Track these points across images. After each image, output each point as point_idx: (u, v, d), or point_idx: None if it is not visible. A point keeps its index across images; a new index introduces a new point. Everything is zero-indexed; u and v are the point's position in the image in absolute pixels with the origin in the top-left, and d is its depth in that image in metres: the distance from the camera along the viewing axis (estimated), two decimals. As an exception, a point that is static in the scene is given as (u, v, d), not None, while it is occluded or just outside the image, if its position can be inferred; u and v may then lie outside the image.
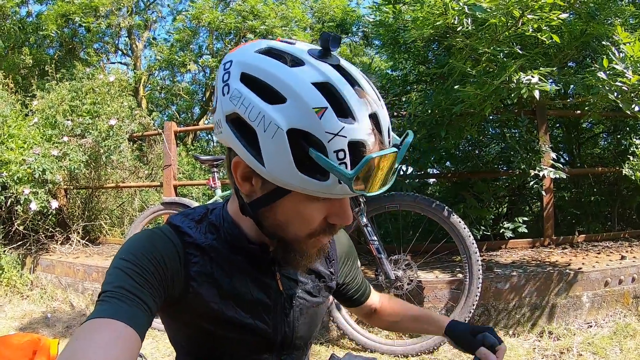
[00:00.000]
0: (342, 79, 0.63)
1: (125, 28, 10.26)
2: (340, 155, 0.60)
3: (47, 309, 3.63)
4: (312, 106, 0.60)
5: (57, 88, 4.68)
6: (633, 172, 3.29)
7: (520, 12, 2.41)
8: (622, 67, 2.33)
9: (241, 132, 0.65)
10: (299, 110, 0.60)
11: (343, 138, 0.60)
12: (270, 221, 0.74)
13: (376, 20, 3.59)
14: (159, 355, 2.72)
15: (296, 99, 0.61)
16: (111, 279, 0.70)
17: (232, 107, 0.65)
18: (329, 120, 0.60)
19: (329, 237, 0.77)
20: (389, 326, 1.21)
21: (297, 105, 0.60)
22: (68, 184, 4.73)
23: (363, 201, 2.54)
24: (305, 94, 0.60)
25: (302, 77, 0.62)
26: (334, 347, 2.71)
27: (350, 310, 1.21)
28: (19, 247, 4.41)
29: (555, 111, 3.89)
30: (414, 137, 3.04)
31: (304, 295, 0.90)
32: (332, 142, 0.60)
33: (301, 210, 0.70)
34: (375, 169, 0.62)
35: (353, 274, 1.09)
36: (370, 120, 0.63)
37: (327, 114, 0.60)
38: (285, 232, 0.74)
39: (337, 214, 0.72)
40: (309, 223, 0.72)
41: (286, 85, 0.61)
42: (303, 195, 0.66)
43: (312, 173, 0.62)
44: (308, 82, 0.61)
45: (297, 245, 0.75)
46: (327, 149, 0.60)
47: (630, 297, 2.82)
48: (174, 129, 4.31)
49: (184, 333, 0.86)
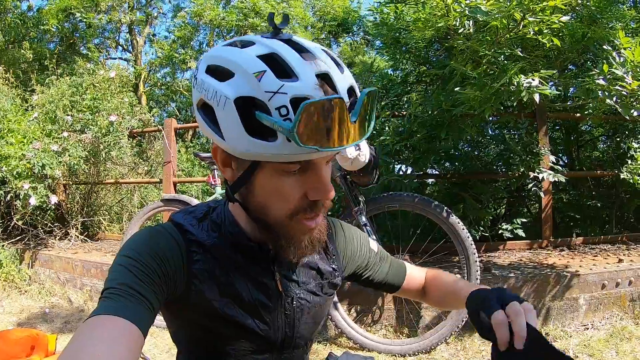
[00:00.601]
0: (287, 48, 0.66)
1: (126, 24, 10.24)
2: (283, 112, 0.61)
3: (45, 304, 3.64)
4: (252, 72, 0.63)
5: (57, 83, 4.67)
6: (631, 176, 3.30)
7: (522, 15, 2.42)
8: (622, 72, 2.34)
9: (206, 115, 0.70)
10: (243, 79, 0.64)
11: (284, 95, 0.61)
12: (252, 204, 0.75)
13: (377, 21, 3.59)
14: (157, 352, 2.72)
15: (241, 71, 0.64)
16: (114, 275, 0.71)
17: (199, 94, 0.70)
18: (268, 80, 0.62)
19: (314, 218, 0.75)
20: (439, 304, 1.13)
21: (242, 76, 0.64)
22: (67, 179, 4.72)
23: (362, 201, 2.55)
24: (248, 64, 0.64)
25: (248, 53, 0.66)
26: (332, 345, 2.72)
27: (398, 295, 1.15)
28: (18, 241, 4.41)
29: (555, 114, 3.91)
30: (413, 138, 3.03)
31: (305, 296, 0.89)
32: (273, 100, 0.61)
33: (275, 185, 0.71)
34: (319, 119, 0.61)
35: (367, 261, 1.06)
36: (317, 78, 0.64)
37: (266, 75, 0.62)
38: (268, 214, 0.74)
39: (314, 188, 0.72)
40: (287, 200, 0.72)
41: (233, 62, 0.66)
42: (273, 169, 0.69)
43: (263, 136, 0.64)
44: (253, 55, 0.65)
45: (281, 229, 0.75)
46: (269, 107, 0.62)
47: (627, 300, 2.83)
48: (174, 126, 4.30)
49: (185, 331, 0.86)
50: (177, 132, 4.42)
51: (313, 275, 0.92)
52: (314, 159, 0.69)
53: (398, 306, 2.79)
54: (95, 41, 10.16)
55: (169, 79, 11.14)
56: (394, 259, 1.12)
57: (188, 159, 7.44)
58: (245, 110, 0.64)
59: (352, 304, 2.84)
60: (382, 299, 2.81)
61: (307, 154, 0.65)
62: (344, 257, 1.01)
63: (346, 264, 1.02)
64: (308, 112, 0.60)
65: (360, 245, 1.05)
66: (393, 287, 1.10)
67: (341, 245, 1.01)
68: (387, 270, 1.08)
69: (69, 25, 9.26)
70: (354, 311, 2.84)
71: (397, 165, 3.72)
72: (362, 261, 1.05)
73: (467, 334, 2.69)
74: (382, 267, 1.08)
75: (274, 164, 0.68)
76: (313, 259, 0.92)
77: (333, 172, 2.53)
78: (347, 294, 2.84)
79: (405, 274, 1.10)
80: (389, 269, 1.08)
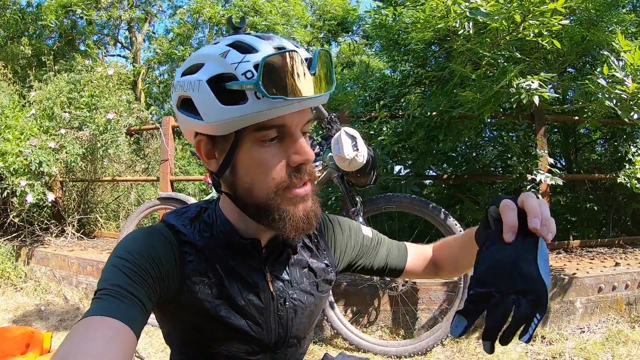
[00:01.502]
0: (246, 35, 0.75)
1: (126, 21, 10.22)
2: (248, 75, 0.68)
3: (40, 301, 3.62)
4: (217, 54, 0.71)
5: (55, 80, 4.65)
6: (629, 180, 3.30)
7: (522, 17, 2.41)
8: (622, 75, 2.34)
9: (185, 107, 0.75)
10: (213, 63, 0.71)
11: (247, 62, 0.68)
12: (240, 188, 0.77)
13: (375, 23, 3.59)
14: (152, 350, 2.72)
15: (209, 58, 0.72)
16: (107, 276, 0.71)
17: (177, 94, 0.76)
18: (232, 55, 0.70)
19: (302, 186, 0.77)
20: (457, 271, 1.08)
21: (210, 61, 0.72)
22: (64, 176, 4.71)
23: (360, 201, 2.54)
24: (214, 51, 0.72)
25: (214, 46, 0.74)
26: (328, 346, 2.72)
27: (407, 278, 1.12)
28: (14, 238, 4.40)
29: (553, 116, 3.91)
30: (411, 139, 3.03)
31: (299, 296, 0.89)
32: (238, 69, 0.68)
33: (257, 158, 0.74)
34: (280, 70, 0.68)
35: (362, 249, 1.04)
36: (275, 49, 0.71)
37: (230, 52, 0.70)
38: (255, 194, 0.76)
39: (294, 152, 0.75)
40: (271, 171, 0.74)
41: (202, 55, 0.74)
42: (251, 141, 0.73)
43: (234, 101, 0.69)
44: (220, 45, 0.74)
45: (272, 204, 0.75)
46: (236, 75, 0.68)
47: (623, 303, 2.83)
48: (172, 124, 4.29)
49: (178, 331, 0.86)
50: (175, 130, 4.41)
51: (306, 274, 0.91)
52: (287, 124, 0.73)
53: (394, 307, 2.79)
54: (94, 38, 10.13)
55: (167, 76, 11.12)
56: (394, 241, 1.09)
57: (183, 157, 7.43)
58: (216, 87, 0.70)
59: (348, 304, 2.84)
60: (378, 300, 2.81)
61: (276, 108, 0.69)
62: (336, 251, 1.00)
63: (339, 257, 1.01)
64: (268, 65, 0.67)
65: (352, 234, 1.03)
66: (396, 271, 1.06)
67: (331, 239, 1.00)
68: (386, 254, 1.05)
69: (67, 22, 9.23)
70: (350, 312, 2.83)
71: (396, 167, 3.73)
72: (356, 250, 1.03)
73: (463, 336, 2.69)
74: (379, 252, 1.05)
75: (252, 134, 0.72)
76: (304, 257, 0.92)
77: (330, 173, 2.53)
78: (344, 294, 2.84)
79: (407, 254, 1.07)
80: (388, 252, 1.06)
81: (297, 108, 0.71)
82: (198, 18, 9.51)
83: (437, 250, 1.08)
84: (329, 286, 0.97)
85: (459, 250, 1.00)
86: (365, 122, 3.63)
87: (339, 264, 1.01)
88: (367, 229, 1.07)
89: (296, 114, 0.73)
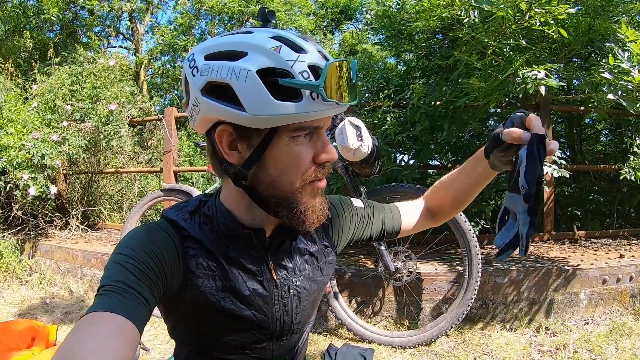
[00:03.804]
0: (286, 32, 0.75)
1: (127, 12, 10.17)
2: (305, 75, 0.69)
3: (45, 294, 3.65)
4: (269, 47, 0.70)
5: (57, 72, 4.64)
6: (634, 172, 3.27)
7: (528, 6, 2.38)
8: (628, 66, 2.31)
9: (218, 94, 0.72)
10: (260, 54, 0.70)
11: (302, 62, 0.70)
12: (263, 182, 0.78)
13: (378, 11, 3.54)
14: (157, 342, 2.73)
15: (255, 49, 0.71)
16: (110, 273, 0.71)
17: (204, 78, 0.73)
18: (286, 52, 0.70)
19: (321, 179, 0.81)
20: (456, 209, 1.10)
21: (258, 52, 0.71)
22: (67, 168, 4.71)
23: (364, 192, 2.54)
24: (262, 42, 0.71)
25: (255, 36, 0.73)
26: (332, 337, 2.72)
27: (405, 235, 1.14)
28: (18, 232, 4.42)
29: (558, 106, 3.87)
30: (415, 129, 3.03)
31: (303, 283, 0.90)
32: (295, 67, 0.69)
33: (290, 151, 0.75)
34: (337, 76, 0.72)
35: (358, 222, 1.06)
36: (319, 53, 0.73)
37: (283, 49, 0.70)
38: (280, 187, 0.78)
39: (322, 150, 0.78)
40: (301, 164, 0.77)
41: (244, 44, 0.72)
42: (287, 136, 0.74)
43: (288, 98, 0.70)
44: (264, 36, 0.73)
45: (296, 196, 0.78)
46: (292, 73, 0.69)
47: (627, 295, 2.82)
48: (175, 115, 4.28)
49: (183, 325, 0.87)
50: (178, 120, 4.40)
51: (307, 259, 0.92)
52: (321, 125, 0.77)
53: (399, 298, 2.79)
54: (96, 29, 10.09)
55: (168, 66, 11.09)
56: (384, 204, 1.12)
57: (189, 147, 7.43)
58: (267, 79, 0.69)
59: (352, 295, 2.84)
60: (382, 291, 2.81)
61: (324, 110, 0.72)
62: (334, 231, 1.01)
63: (338, 237, 1.02)
64: (330, 71, 0.70)
65: (346, 211, 1.05)
66: (394, 232, 1.10)
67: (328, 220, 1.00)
68: (381, 219, 1.08)
69: (69, 14, 9.20)
70: (355, 302, 2.84)
71: (399, 156, 3.71)
72: (353, 225, 1.05)
73: (468, 326, 2.69)
74: (374, 220, 1.08)
75: (289, 131, 0.74)
76: (304, 243, 0.93)
77: (335, 163, 2.51)
78: (348, 285, 2.84)
79: (400, 212, 1.10)
80: (383, 217, 1.08)
81: (336, 112, 0.75)
82: (200, 8, 9.45)
83: (429, 198, 1.12)
84: (332, 267, 0.99)
85: (459, 184, 1.03)
86: (369, 112, 3.61)
87: (338, 244, 1.02)
88: (357, 200, 1.09)
89: (328, 117, 0.77)
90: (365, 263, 3.03)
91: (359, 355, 2.34)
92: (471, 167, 0.99)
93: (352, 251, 3.31)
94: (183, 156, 7.19)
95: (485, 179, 0.99)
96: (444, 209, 1.10)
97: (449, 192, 1.06)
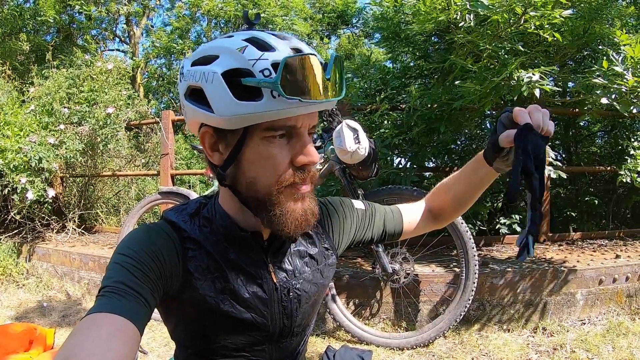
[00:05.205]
0: (262, 32, 0.75)
1: (124, 15, 10.17)
2: (266, 73, 0.68)
3: (42, 298, 3.63)
4: (235, 48, 0.71)
5: (54, 75, 4.63)
6: (629, 174, 3.29)
7: (523, 9, 2.40)
8: (622, 69, 2.33)
9: (195, 98, 0.75)
10: (228, 56, 0.71)
11: (265, 60, 0.69)
12: (243, 182, 0.78)
13: (377, 14, 3.57)
14: (155, 345, 2.73)
15: (225, 51, 0.72)
16: (111, 274, 0.71)
17: (186, 83, 0.76)
18: (250, 52, 0.70)
19: (303, 182, 0.78)
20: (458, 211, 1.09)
21: (227, 54, 0.72)
22: (64, 171, 4.71)
23: (361, 194, 2.55)
24: (231, 44, 0.72)
25: (231, 39, 0.74)
26: (330, 339, 2.73)
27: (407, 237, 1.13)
28: (15, 235, 4.40)
29: (553, 109, 3.89)
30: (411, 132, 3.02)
31: (303, 286, 0.89)
32: (256, 65, 0.69)
33: (263, 153, 0.75)
34: (298, 73, 0.69)
35: (359, 224, 1.05)
36: (292, 50, 0.72)
37: (247, 48, 0.70)
38: (258, 188, 0.77)
39: (300, 153, 0.76)
40: (277, 166, 0.75)
41: (217, 47, 0.74)
42: (260, 137, 0.74)
43: (249, 97, 0.69)
44: (236, 39, 0.73)
45: (274, 199, 0.76)
46: (253, 71, 0.69)
47: (623, 295, 2.84)
48: (172, 118, 4.28)
49: (182, 327, 0.86)
50: (175, 123, 4.40)
51: (307, 262, 0.92)
52: (297, 125, 0.74)
53: (396, 299, 2.80)
54: (92, 32, 10.08)
55: (164, 69, 11.08)
56: (386, 206, 1.10)
57: (187, 149, 7.42)
58: (231, 80, 0.70)
59: (350, 297, 2.85)
60: (380, 293, 2.82)
61: (290, 109, 0.70)
62: (335, 233, 1.01)
63: (339, 239, 1.01)
64: (288, 67, 0.68)
65: (347, 213, 1.04)
66: (395, 234, 1.08)
67: (328, 222, 1.01)
68: (382, 221, 1.06)
69: (65, 17, 9.18)
70: (352, 304, 2.84)
71: (396, 159, 3.72)
72: (354, 227, 1.04)
73: (465, 328, 2.70)
74: (375, 222, 1.06)
75: (261, 132, 0.73)
76: (304, 246, 0.93)
77: (332, 166, 2.52)
78: (346, 287, 2.84)
79: (401, 214, 1.08)
80: (384, 219, 1.07)
81: (309, 110, 0.73)
82: (196, 11, 9.46)
83: (430, 200, 1.11)
84: (333, 270, 0.98)
85: (461, 186, 1.03)
86: (366, 115, 3.63)
87: (339, 246, 1.01)
88: (358, 202, 1.08)
89: (306, 116, 0.74)
90: (363, 265, 3.04)
91: (357, 356, 2.34)
92: (472, 170, 0.99)
93: (349, 253, 3.32)
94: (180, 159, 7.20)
95: (488, 181, 0.99)
96: (445, 211, 1.09)
97: (450, 194, 1.05)
